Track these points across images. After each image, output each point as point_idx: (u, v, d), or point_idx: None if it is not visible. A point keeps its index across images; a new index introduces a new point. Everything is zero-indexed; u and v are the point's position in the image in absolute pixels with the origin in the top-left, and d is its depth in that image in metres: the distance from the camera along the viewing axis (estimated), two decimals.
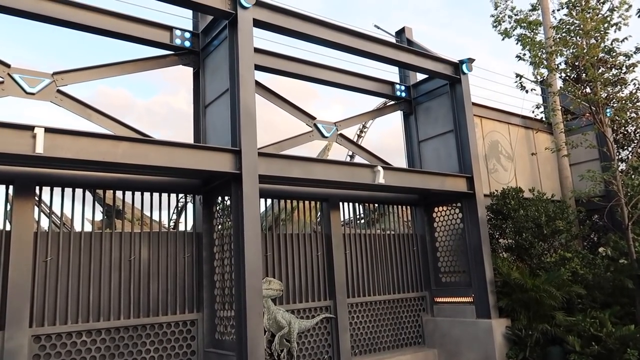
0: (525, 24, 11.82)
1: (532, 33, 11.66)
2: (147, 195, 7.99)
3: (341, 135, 10.67)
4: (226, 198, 7.91)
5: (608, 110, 11.20)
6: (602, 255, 11.06)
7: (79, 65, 7.65)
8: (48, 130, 5.99)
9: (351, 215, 10.64)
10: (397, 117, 12.48)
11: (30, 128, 5.91)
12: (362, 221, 11.27)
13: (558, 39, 10.84)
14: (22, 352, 6.40)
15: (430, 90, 11.67)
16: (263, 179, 7.71)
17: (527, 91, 11.83)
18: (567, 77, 11.70)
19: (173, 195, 8.41)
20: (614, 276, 10.17)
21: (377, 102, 19.79)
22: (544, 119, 14.29)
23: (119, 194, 7.93)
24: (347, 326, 9.59)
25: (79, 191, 7.48)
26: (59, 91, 7.32)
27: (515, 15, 12.11)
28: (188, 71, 8.90)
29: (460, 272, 10.77)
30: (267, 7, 8.26)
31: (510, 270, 9.98)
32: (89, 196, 7.57)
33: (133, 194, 7.91)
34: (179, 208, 10.90)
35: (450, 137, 11.06)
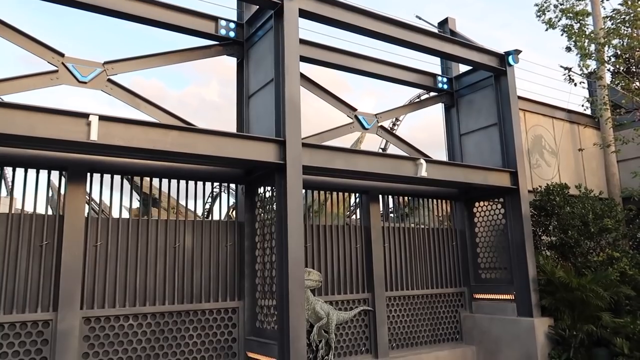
0: (571, 14, 11.41)
1: (579, 23, 11.24)
2: (191, 183, 8.11)
3: (381, 127, 10.55)
4: (268, 188, 7.94)
5: None
6: None
7: (125, 55, 7.76)
8: (102, 118, 6.11)
9: (391, 208, 10.54)
10: (429, 111, 12.29)
11: (85, 116, 6.05)
12: (401, 214, 11.14)
13: (612, 29, 10.41)
14: (73, 333, 6.62)
15: (473, 83, 11.39)
16: (306, 170, 7.70)
17: (575, 84, 11.45)
18: (618, 70, 11.25)
19: (216, 184, 8.49)
20: None
21: (411, 94, 19.56)
22: (591, 114, 13.78)
23: (164, 182, 8.06)
24: (384, 319, 9.54)
25: (119, 178, 7.63)
26: (109, 80, 7.47)
27: (561, 4, 11.71)
28: (220, 62, 9.07)
29: (501, 269, 10.55)
30: None
31: (555, 268, 9.72)
32: (135, 184, 7.73)
33: (178, 182, 8.04)
34: (220, 195, 11.19)
35: (494, 130, 10.79)
